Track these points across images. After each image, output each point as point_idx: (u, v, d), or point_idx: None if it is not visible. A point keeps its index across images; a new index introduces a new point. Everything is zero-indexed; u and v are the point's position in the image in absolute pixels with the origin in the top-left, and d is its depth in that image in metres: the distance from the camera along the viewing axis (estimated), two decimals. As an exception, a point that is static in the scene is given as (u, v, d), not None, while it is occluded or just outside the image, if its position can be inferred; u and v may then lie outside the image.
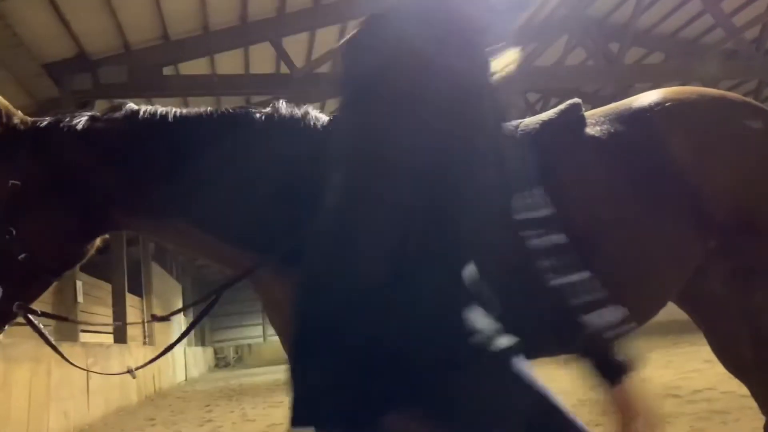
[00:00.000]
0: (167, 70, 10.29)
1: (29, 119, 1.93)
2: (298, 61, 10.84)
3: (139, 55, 9.94)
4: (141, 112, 1.92)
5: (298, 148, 1.89)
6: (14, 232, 1.78)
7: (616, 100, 2.22)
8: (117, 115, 1.93)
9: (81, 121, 1.90)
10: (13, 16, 7.80)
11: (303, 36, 11.17)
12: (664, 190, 1.93)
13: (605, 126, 2.02)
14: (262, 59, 11.42)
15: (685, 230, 1.93)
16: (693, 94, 2.09)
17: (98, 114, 1.95)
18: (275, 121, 1.96)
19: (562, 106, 2.08)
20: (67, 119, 1.92)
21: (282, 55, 10.51)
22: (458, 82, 1.40)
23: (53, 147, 1.87)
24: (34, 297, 1.89)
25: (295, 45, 10.98)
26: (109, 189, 1.86)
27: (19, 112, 1.93)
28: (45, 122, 1.93)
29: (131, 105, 1.94)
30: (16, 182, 1.81)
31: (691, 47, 13.09)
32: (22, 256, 1.79)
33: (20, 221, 1.80)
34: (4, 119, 1.87)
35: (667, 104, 2.03)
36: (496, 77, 1.56)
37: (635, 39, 12.27)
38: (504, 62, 1.66)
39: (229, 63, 11.22)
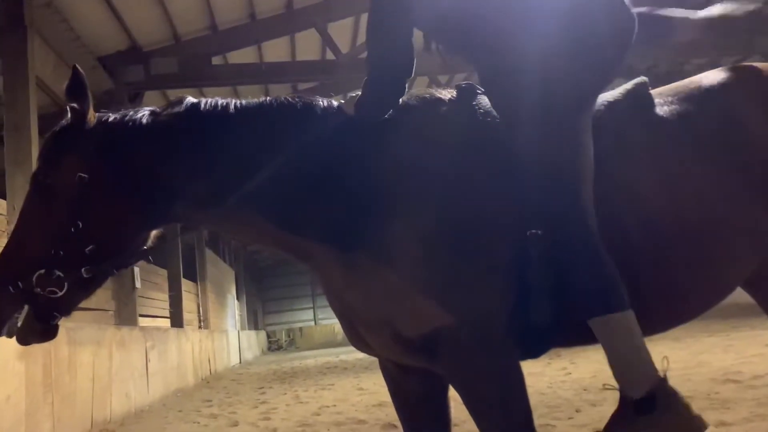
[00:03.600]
0: (216, 60, 10.45)
1: (96, 114, 1.96)
2: (344, 47, 10.85)
3: (188, 45, 10.13)
4: (202, 105, 1.94)
5: (358, 136, 1.92)
6: (80, 225, 1.80)
7: (670, 78, 2.16)
8: (178, 109, 1.94)
9: (144, 115, 1.92)
10: (70, 12, 8.04)
11: (348, 21, 11.16)
12: (742, 170, 1.88)
13: (676, 106, 1.97)
14: (308, 46, 11.49)
15: (763, 209, 1.87)
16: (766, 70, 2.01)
17: (158, 109, 1.97)
18: (334, 111, 1.98)
19: (628, 86, 2.04)
20: (131, 114, 1.94)
21: (327, 42, 10.54)
22: None
23: (120, 142, 1.89)
24: (96, 288, 1.93)
25: (340, 31, 11.00)
26: (175, 183, 1.88)
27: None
28: (111, 117, 1.95)
29: (190, 98, 1.96)
30: (84, 175, 1.83)
31: (750, 20, 12.50)
32: (89, 248, 1.81)
33: (86, 214, 1.82)
34: (76, 108, 1.90)
35: (742, 81, 1.96)
36: None
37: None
38: None
39: (275, 51, 11.32)
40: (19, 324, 1.79)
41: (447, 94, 2.05)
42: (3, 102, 6.66)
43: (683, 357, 7.08)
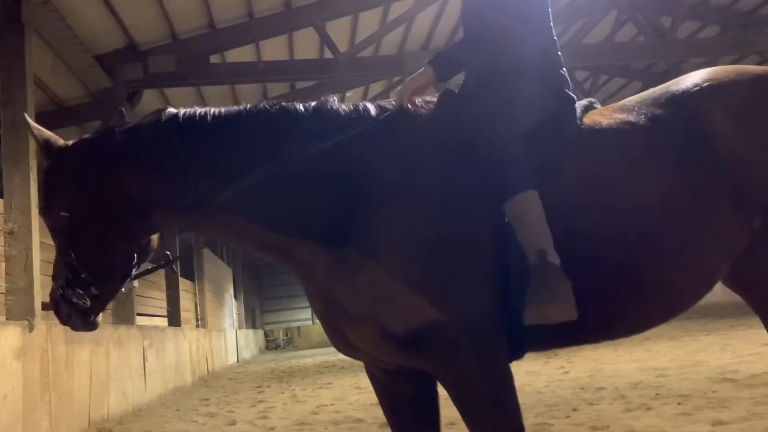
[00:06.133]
0: (214, 58, 10.42)
1: (68, 144, 2.05)
2: (342, 46, 10.84)
3: (186, 44, 10.09)
4: (179, 116, 1.99)
5: (332, 137, 1.96)
6: (73, 255, 1.96)
7: (668, 76, 2.21)
8: (153, 121, 2.00)
9: (116, 135, 2.00)
10: (67, 10, 8.02)
11: (346, 20, 11.15)
12: (706, 171, 1.91)
13: (642, 111, 2.01)
14: (306, 44, 11.47)
15: (727, 210, 1.90)
16: (732, 72, 2.06)
17: (133, 123, 2.05)
18: (308, 114, 2.02)
19: (584, 102, 2.14)
20: (102, 136, 2.03)
21: (325, 40, 10.52)
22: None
23: (91, 171, 1.98)
24: (112, 296, 2.11)
25: (338, 29, 10.98)
26: (149, 195, 1.96)
27: (60, 138, 2.07)
28: (82, 145, 2.04)
29: (170, 110, 2.02)
30: (65, 214, 1.97)
31: (748, 19, 12.50)
32: (84, 275, 1.96)
33: (76, 245, 1.97)
34: (44, 149, 2.03)
35: (705, 84, 2.01)
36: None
37: (689, 11, 11.79)
38: None
39: (274, 49, 11.30)
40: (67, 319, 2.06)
41: (430, 96, 2.11)
42: (0, 100, 6.63)
43: (681, 356, 7.09)
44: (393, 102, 2.09)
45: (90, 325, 2.06)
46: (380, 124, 1.98)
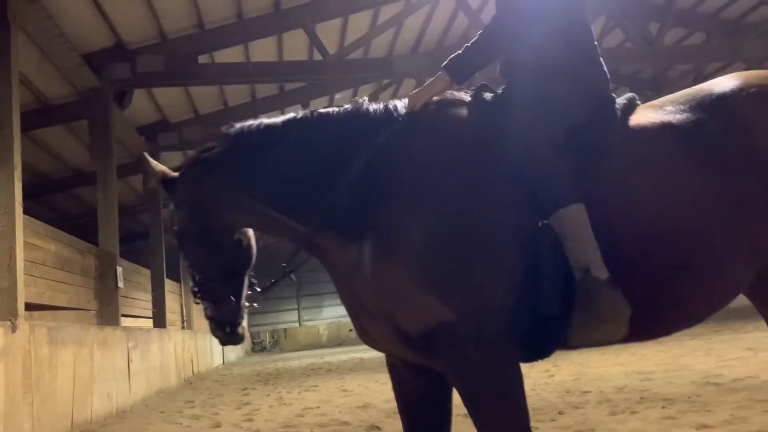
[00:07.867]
0: (203, 59, 10.38)
1: (174, 175, 2.28)
2: (331, 48, 10.83)
3: (175, 43, 10.04)
4: (230, 132, 2.18)
5: (366, 133, 2.03)
6: (189, 263, 2.28)
7: (655, 83, 2.22)
8: (216, 141, 2.21)
9: (197, 159, 2.22)
10: (54, 8, 7.95)
11: (336, 22, 11.15)
12: (748, 178, 1.91)
13: (686, 115, 2.01)
14: (295, 46, 11.45)
15: (764, 217, 1.90)
16: None
17: (216, 150, 2.23)
18: (342, 116, 2.11)
19: (622, 100, 2.13)
20: (188, 163, 2.25)
21: (315, 42, 10.51)
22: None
23: (186, 192, 2.21)
24: (236, 313, 2.32)
25: (327, 31, 10.98)
26: (218, 202, 2.14)
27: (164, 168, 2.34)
28: (179, 172, 2.26)
29: (230, 127, 2.19)
30: (176, 227, 2.27)
31: (734, 26, 12.65)
32: (198, 277, 2.20)
33: (188, 252, 2.25)
34: (161, 179, 2.26)
35: (752, 90, 1.99)
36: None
37: (676, 19, 11.90)
38: None
39: (263, 50, 11.28)
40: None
41: (460, 95, 2.11)
42: (-15, 98, 6.55)
43: (665, 360, 7.14)
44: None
45: (231, 336, 2.30)
46: (410, 123, 2.02)
